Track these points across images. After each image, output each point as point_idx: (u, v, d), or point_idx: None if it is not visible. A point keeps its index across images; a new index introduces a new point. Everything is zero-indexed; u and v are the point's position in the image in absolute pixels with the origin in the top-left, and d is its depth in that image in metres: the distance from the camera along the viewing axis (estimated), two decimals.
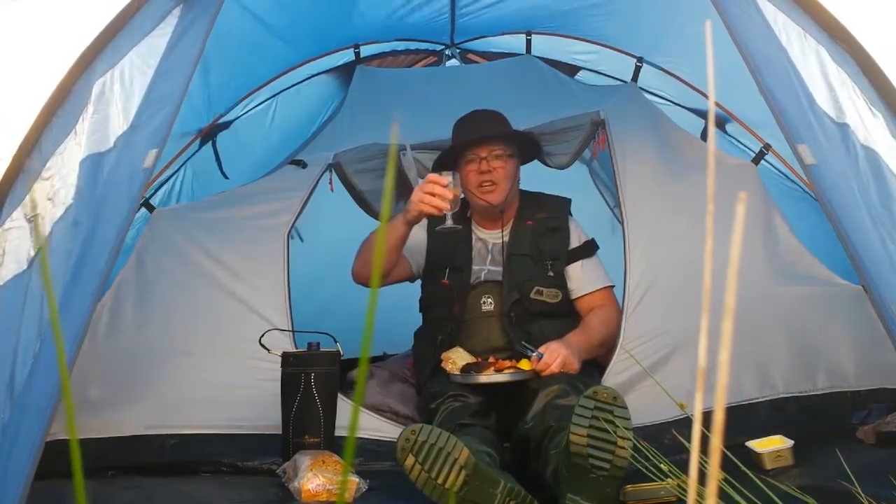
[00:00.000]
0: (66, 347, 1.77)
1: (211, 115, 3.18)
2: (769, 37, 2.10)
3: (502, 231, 2.71)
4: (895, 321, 1.81)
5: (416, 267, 2.78)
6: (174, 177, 3.32)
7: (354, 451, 2.36)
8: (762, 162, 3.01)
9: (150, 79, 2.11)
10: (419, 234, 2.74)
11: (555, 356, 2.37)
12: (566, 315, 2.65)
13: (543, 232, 2.69)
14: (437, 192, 2.35)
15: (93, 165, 2.08)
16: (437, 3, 3.50)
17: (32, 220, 2.22)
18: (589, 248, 2.72)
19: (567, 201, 2.80)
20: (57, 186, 2.22)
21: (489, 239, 2.74)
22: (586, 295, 2.67)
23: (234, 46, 2.93)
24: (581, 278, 2.67)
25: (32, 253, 2.17)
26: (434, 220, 2.63)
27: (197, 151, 3.18)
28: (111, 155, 2.06)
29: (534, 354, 2.39)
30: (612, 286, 2.70)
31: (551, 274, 2.64)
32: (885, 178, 2.10)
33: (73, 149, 2.24)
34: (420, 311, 2.83)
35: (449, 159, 2.75)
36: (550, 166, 2.93)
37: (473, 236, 2.76)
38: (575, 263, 2.68)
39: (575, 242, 2.71)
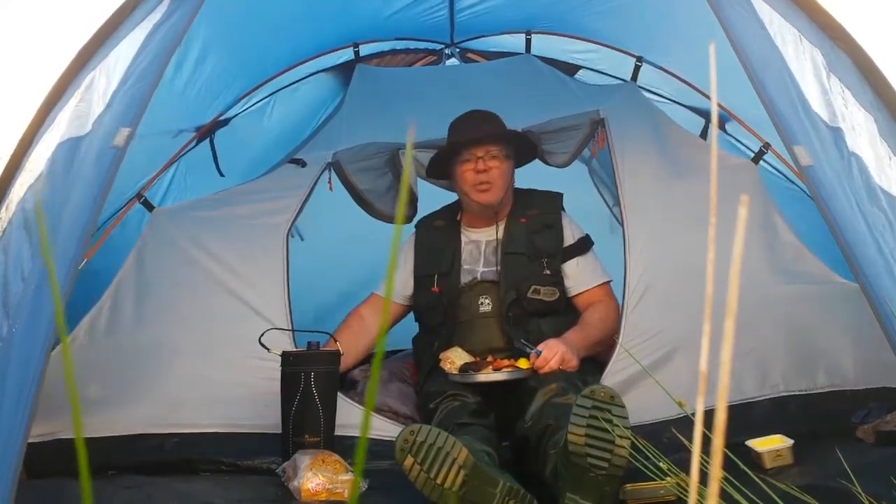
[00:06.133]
0: (42, 336, 1.72)
1: (209, 114, 3.17)
2: (765, 39, 2.10)
3: (497, 228, 2.71)
4: (893, 322, 1.81)
5: (407, 302, 2.81)
6: (166, 170, 3.30)
7: (353, 451, 2.35)
8: (761, 163, 3.00)
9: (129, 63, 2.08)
10: (404, 277, 2.78)
11: (553, 352, 2.37)
12: (564, 312, 2.65)
13: (538, 229, 2.69)
14: None
15: (69, 149, 2.05)
16: (435, 2, 3.49)
17: (8, 207, 2.22)
18: (584, 245, 2.71)
19: (559, 196, 2.79)
20: (31, 171, 2.22)
21: (481, 238, 2.73)
22: (584, 292, 2.67)
23: (233, 44, 2.93)
24: (578, 276, 2.67)
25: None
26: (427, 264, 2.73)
27: (193, 147, 3.17)
28: (87, 138, 2.04)
29: (532, 351, 2.40)
30: (610, 281, 2.70)
31: (547, 272, 2.64)
32: (872, 183, 2.11)
33: (51, 136, 2.23)
34: (415, 320, 2.83)
35: (444, 158, 2.75)
36: (550, 165, 2.93)
37: (463, 238, 2.75)
38: (571, 261, 2.68)
39: (569, 239, 2.70)
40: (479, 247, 2.73)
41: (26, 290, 1.87)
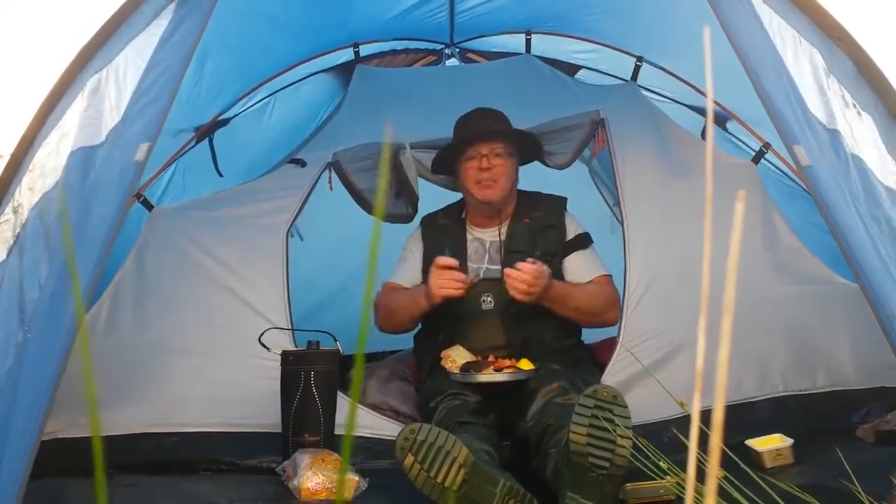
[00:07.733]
0: (60, 343, 1.74)
1: (209, 114, 3.17)
2: (764, 40, 2.10)
3: (499, 229, 2.71)
4: (892, 322, 1.81)
5: None
6: (164, 169, 3.30)
7: (354, 450, 2.36)
8: (762, 161, 3.01)
9: (141, 72, 2.09)
10: (414, 265, 2.76)
11: (529, 268, 2.42)
12: None
13: (540, 229, 2.70)
14: (453, 276, 2.51)
15: (83, 159, 2.06)
16: (435, 5, 3.49)
17: (17, 210, 2.22)
18: (584, 240, 2.72)
19: (563, 200, 2.80)
20: (36, 175, 2.22)
21: (486, 237, 2.74)
22: (585, 284, 2.67)
23: (233, 44, 2.92)
24: (578, 269, 2.68)
25: (12, 242, 2.17)
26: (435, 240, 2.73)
27: (192, 147, 3.17)
28: (103, 149, 2.05)
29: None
30: (610, 275, 2.70)
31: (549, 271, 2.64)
32: (872, 185, 2.11)
33: (59, 140, 2.23)
34: None
35: (449, 156, 2.76)
36: (550, 166, 2.93)
37: (469, 236, 2.76)
38: (570, 256, 2.69)
39: (570, 235, 2.72)
40: (483, 245, 2.74)
41: (42, 296, 1.87)
